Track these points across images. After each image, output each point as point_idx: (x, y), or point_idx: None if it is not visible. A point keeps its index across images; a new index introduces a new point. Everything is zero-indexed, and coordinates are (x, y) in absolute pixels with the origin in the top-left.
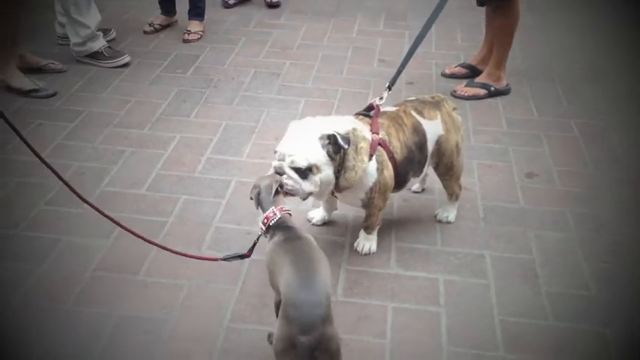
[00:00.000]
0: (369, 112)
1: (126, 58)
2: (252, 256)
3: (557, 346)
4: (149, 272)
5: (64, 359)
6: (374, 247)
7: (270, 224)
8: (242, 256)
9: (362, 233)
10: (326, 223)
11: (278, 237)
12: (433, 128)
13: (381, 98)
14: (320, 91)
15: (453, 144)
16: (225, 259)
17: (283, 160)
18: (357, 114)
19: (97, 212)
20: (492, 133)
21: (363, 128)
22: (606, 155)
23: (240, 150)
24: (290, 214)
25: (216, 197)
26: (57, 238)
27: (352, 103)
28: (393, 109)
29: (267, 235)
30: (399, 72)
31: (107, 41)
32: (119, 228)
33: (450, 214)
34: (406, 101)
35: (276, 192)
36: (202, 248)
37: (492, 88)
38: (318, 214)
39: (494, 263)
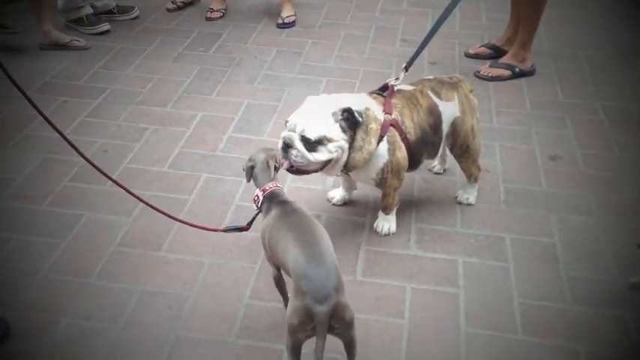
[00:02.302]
0: (383, 91)
1: (105, 26)
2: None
3: (577, 331)
4: (171, 249)
5: (88, 332)
6: (393, 228)
7: (261, 200)
8: (241, 229)
9: (380, 214)
10: (346, 203)
11: (275, 212)
12: (449, 109)
13: (397, 79)
14: (341, 71)
15: (469, 126)
16: (225, 231)
17: (293, 130)
18: (371, 93)
19: (120, 189)
20: (515, 114)
21: (376, 108)
22: (633, 139)
23: (261, 129)
24: (280, 188)
25: (237, 176)
26: (80, 214)
27: (374, 83)
28: (410, 88)
29: (262, 211)
30: (417, 53)
31: (131, 19)
32: (141, 205)
33: (471, 195)
34: (424, 80)
35: (275, 168)
36: (223, 226)
37: (517, 69)
38: (338, 193)
39: (515, 246)
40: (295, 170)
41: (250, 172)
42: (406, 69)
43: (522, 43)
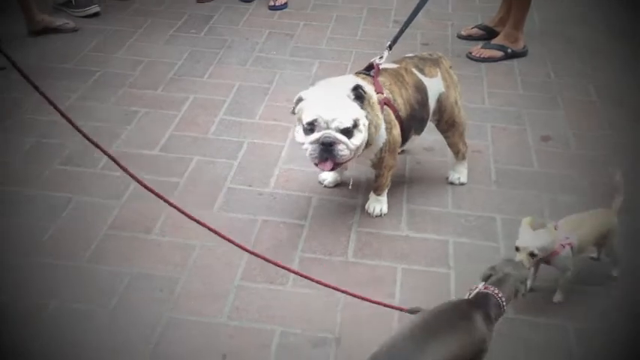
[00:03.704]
0: (368, 71)
1: (94, 8)
2: (263, 217)
3: (566, 309)
4: (162, 231)
5: (79, 314)
6: (385, 209)
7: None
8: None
9: (372, 195)
10: (338, 185)
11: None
12: (434, 85)
13: (381, 57)
14: (334, 53)
15: (453, 100)
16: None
17: (327, 127)
18: (357, 73)
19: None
20: (507, 95)
21: (368, 87)
22: (624, 119)
23: (253, 111)
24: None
25: (229, 158)
26: (70, 197)
27: (365, 64)
28: (394, 66)
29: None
30: (401, 31)
31: (120, 0)
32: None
33: (462, 175)
34: (405, 58)
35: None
36: (214, 209)
37: (509, 50)
38: (329, 175)
39: (505, 226)
40: (334, 166)
41: (485, 280)
42: (390, 47)
43: (515, 24)
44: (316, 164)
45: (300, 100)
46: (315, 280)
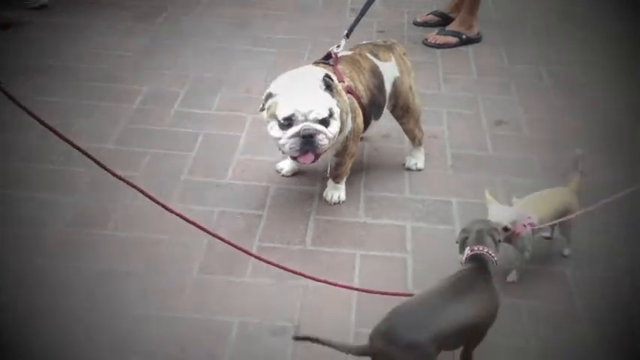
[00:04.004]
0: (327, 60)
1: (42, 0)
2: (221, 208)
3: (520, 287)
4: (117, 226)
5: (36, 311)
6: (343, 196)
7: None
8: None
9: (330, 183)
10: (296, 174)
11: (467, 265)
12: (389, 70)
13: (339, 46)
14: (291, 42)
15: (407, 86)
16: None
17: (305, 119)
18: (316, 63)
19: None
20: (462, 81)
21: (330, 74)
22: (575, 102)
23: (209, 102)
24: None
25: (185, 150)
26: (30, 196)
27: (322, 53)
28: (349, 52)
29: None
30: (357, 20)
31: None
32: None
33: (418, 160)
34: (359, 45)
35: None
36: (171, 202)
37: (464, 36)
38: (287, 165)
39: (461, 210)
40: (315, 158)
41: (463, 243)
42: (347, 36)
43: (469, 10)
44: (295, 158)
45: (270, 95)
46: (290, 269)
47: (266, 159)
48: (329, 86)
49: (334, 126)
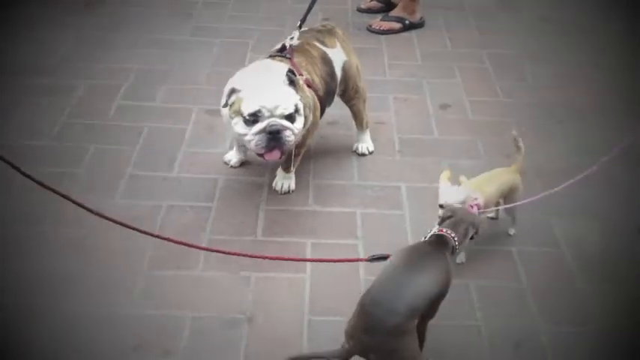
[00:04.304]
0: (281, 52)
1: None
2: (169, 202)
3: (468, 267)
4: (56, 224)
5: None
6: (292, 186)
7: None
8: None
9: (280, 172)
10: (244, 164)
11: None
12: (337, 55)
13: (292, 38)
14: (235, 31)
15: (355, 67)
16: (370, 260)
17: (271, 115)
18: (272, 56)
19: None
20: (407, 66)
21: (287, 67)
22: (516, 83)
23: (152, 95)
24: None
25: (130, 145)
26: None
27: (269, 42)
28: (297, 42)
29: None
30: (309, 9)
31: None
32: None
33: (368, 144)
34: (302, 33)
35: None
36: (116, 198)
37: (407, 22)
38: (234, 156)
39: (410, 194)
40: (281, 154)
41: (443, 220)
42: (300, 27)
43: None
44: (262, 154)
45: (234, 91)
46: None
47: (213, 151)
48: (292, 81)
49: (299, 122)
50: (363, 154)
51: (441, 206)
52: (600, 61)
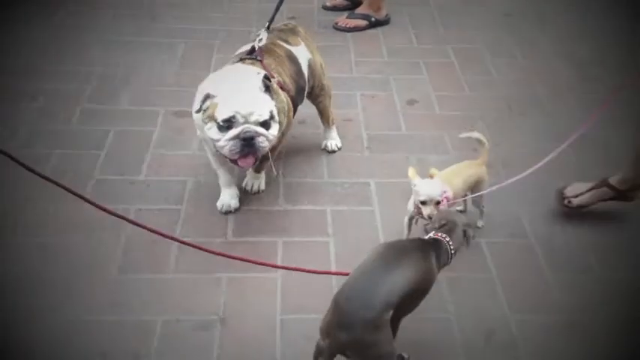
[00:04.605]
0: (250, 54)
1: None
2: (138, 206)
3: None
4: (24, 231)
5: None
6: (262, 185)
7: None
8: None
9: (250, 172)
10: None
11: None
12: (302, 53)
13: (260, 39)
14: (200, 32)
15: (319, 64)
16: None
17: (246, 122)
18: (242, 59)
19: None
20: (374, 63)
21: (262, 71)
22: (481, 77)
23: (118, 98)
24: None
25: (95, 149)
26: None
27: (235, 43)
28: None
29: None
30: (277, 9)
31: None
32: None
33: (337, 140)
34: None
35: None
36: (84, 203)
37: (373, 19)
38: (229, 196)
39: (379, 190)
40: (255, 160)
41: (440, 227)
42: (268, 27)
43: None
44: (235, 161)
45: (208, 96)
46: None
47: (181, 153)
48: (268, 87)
49: (274, 128)
50: (333, 151)
51: (424, 202)
52: (563, 54)
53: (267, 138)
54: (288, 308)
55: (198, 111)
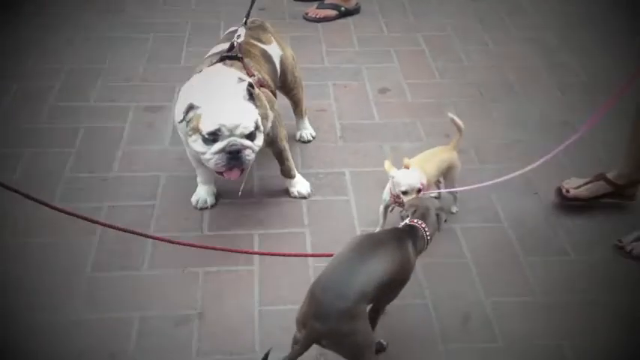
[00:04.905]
0: (229, 52)
1: None
2: (110, 202)
3: None
4: None
5: None
6: (309, 189)
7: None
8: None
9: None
10: (185, 159)
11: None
12: (275, 51)
13: (239, 36)
14: (169, 26)
15: (291, 58)
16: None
17: (231, 134)
18: (223, 57)
19: None
20: (345, 53)
21: (244, 75)
22: (452, 64)
23: (86, 95)
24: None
25: (65, 147)
26: None
27: (203, 36)
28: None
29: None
30: (252, 4)
31: None
32: None
33: (311, 130)
34: (234, 32)
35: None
36: (55, 202)
37: (342, 8)
38: (204, 193)
39: (354, 179)
40: (241, 172)
41: (412, 214)
42: (245, 23)
43: None
44: (221, 173)
45: (191, 107)
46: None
47: (153, 148)
48: (252, 95)
49: (259, 138)
50: (308, 141)
51: (405, 192)
52: (532, 40)
53: (253, 149)
54: (265, 300)
55: (181, 121)
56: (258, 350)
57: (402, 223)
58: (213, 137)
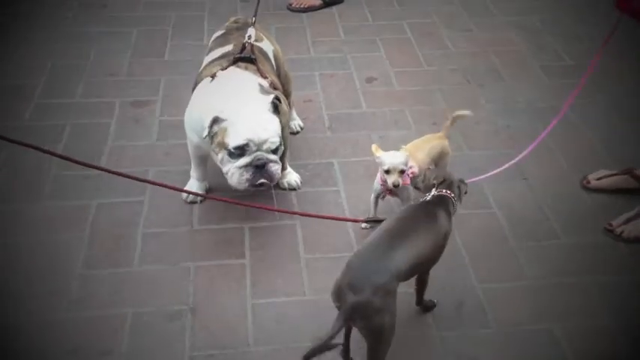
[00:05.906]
0: (241, 52)
1: None
2: (99, 199)
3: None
4: None
5: None
6: (298, 179)
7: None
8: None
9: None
10: (171, 154)
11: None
12: (268, 47)
13: (250, 37)
14: (152, 20)
15: (280, 52)
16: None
17: (259, 149)
18: (235, 59)
19: None
20: (331, 42)
21: (261, 80)
22: (438, 52)
23: (72, 91)
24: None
25: (52, 143)
26: None
27: (188, 29)
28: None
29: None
30: (258, 3)
31: None
32: None
33: (298, 120)
34: (225, 35)
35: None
36: (42, 199)
37: None
38: (195, 186)
39: (343, 169)
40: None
41: (429, 188)
42: (253, 23)
43: None
44: (247, 187)
45: (217, 120)
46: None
47: (141, 143)
48: (276, 108)
49: (281, 150)
50: (297, 132)
51: (387, 171)
52: (516, 25)
53: (277, 162)
54: (258, 292)
55: (205, 137)
56: (252, 344)
57: (430, 195)
58: (239, 152)
